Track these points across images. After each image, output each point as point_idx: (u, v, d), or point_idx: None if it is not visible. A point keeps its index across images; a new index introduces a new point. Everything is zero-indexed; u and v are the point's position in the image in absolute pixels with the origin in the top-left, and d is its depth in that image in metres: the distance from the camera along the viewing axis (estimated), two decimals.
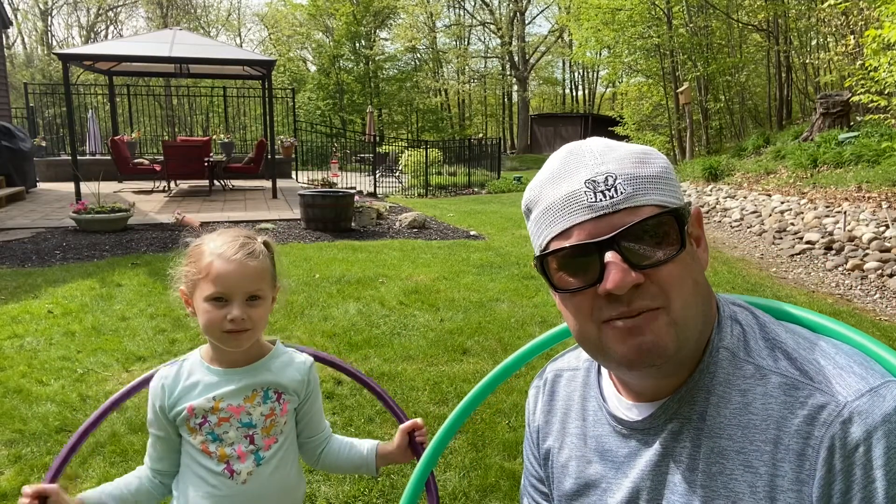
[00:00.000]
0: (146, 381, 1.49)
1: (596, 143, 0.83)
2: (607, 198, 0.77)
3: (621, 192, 0.77)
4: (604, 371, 0.96)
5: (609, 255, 0.75)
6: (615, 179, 0.78)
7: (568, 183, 0.80)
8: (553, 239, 0.81)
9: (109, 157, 13.62)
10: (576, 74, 49.09)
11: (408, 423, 1.50)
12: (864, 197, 8.36)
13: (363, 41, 38.95)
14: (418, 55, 42.69)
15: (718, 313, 0.85)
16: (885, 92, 9.32)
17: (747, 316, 0.85)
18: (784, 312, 0.90)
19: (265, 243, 1.40)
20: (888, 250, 6.61)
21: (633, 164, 0.79)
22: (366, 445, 1.55)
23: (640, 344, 0.77)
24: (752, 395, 0.78)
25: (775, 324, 0.84)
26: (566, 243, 0.79)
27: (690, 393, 0.82)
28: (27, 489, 1.27)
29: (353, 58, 39.01)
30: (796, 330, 0.84)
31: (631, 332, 0.77)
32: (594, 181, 0.78)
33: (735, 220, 9.83)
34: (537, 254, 0.85)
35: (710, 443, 0.79)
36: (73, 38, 44.09)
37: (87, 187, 9.91)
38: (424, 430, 1.51)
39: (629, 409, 0.89)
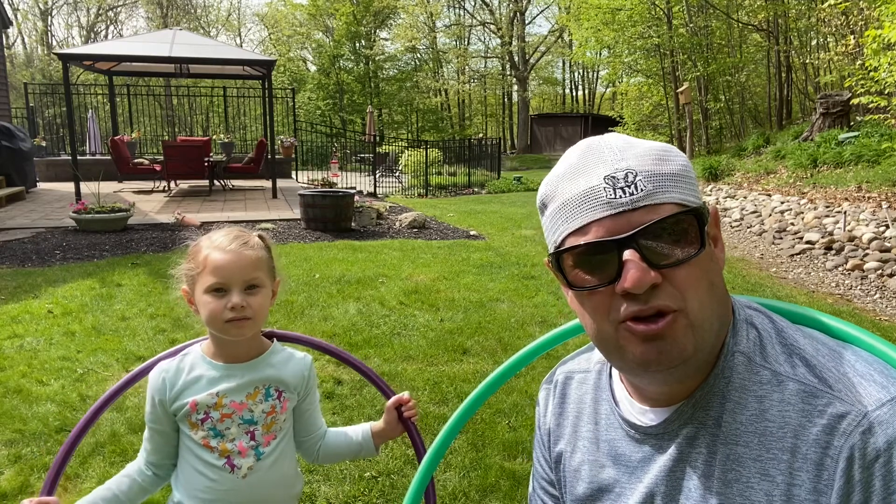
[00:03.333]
0: (133, 380, 1.50)
1: (615, 139, 0.82)
2: (627, 195, 0.75)
3: (641, 190, 0.75)
4: (615, 374, 0.95)
5: (628, 254, 0.74)
6: (635, 176, 0.76)
7: (586, 178, 0.78)
8: (570, 235, 0.79)
9: (109, 157, 13.62)
10: (576, 74, 49.11)
11: (393, 400, 1.54)
12: (864, 197, 8.36)
13: (363, 41, 38.97)
14: (418, 55, 42.70)
15: (734, 316, 0.83)
16: (885, 92, 9.32)
17: (763, 320, 0.84)
18: (802, 316, 0.88)
19: (260, 236, 1.44)
20: (888, 250, 6.61)
21: (654, 162, 0.78)
22: (360, 431, 1.58)
23: (659, 348, 0.76)
24: (768, 401, 0.76)
25: (793, 329, 0.83)
26: (583, 240, 0.77)
27: (705, 398, 0.81)
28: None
29: (353, 58, 39.04)
30: (815, 335, 0.82)
31: (649, 338, 0.76)
32: (614, 177, 0.76)
33: (735, 220, 9.83)
34: (552, 250, 0.83)
35: (725, 449, 0.78)
36: (73, 38, 44.11)
37: (87, 187, 9.91)
38: (412, 404, 1.54)
39: (643, 414, 0.88)
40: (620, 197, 0.75)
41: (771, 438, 0.75)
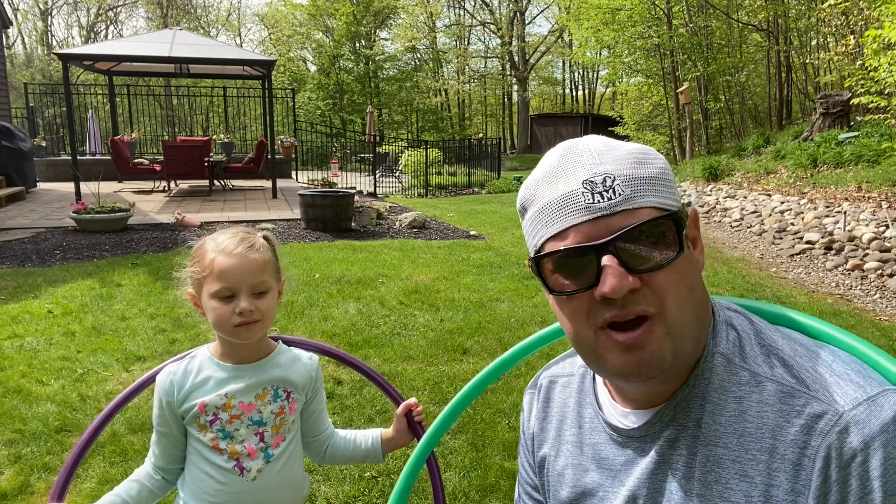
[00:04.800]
0: (138, 390, 1.50)
1: (594, 142, 0.81)
2: (605, 199, 0.75)
3: (619, 194, 0.75)
4: (598, 378, 0.95)
5: (606, 259, 0.74)
6: (613, 180, 0.76)
7: (565, 182, 0.78)
8: (549, 240, 0.79)
9: (109, 157, 13.62)
10: (576, 74, 49.12)
11: (402, 406, 1.54)
12: (864, 197, 8.36)
13: (363, 41, 38.98)
14: (418, 55, 42.70)
15: (714, 318, 0.84)
16: (885, 92, 9.32)
17: (743, 321, 0.84)
18: (781, 317, 0.89)
19: (265, 237, 1.43)
20: (888, 250, 6.61)
21: (632, 165, 0.78)
22: (370, 437, 1.58)
23: (638, 358, 0.76)
24: (747, 402, 0.77)
25: (771, 329, 0.83)
26: (562, 245, 0.77)
27: (686, 400, 0.81)
28: None
29: (353, 58, 39.06)
30: (793, 336, 0.82)
31: (629, 348, 0.76)
32: (592, 182, 0.76)
33: (735, 220, 9.83)
34: (532, 254, 0.83)
35: (705, 451, 0.78)
36: (73, 38, 44.14)
37: (87, 187, 9.91)
38: (420, 409, 1.55)
39: (625, 417, 0.88)
40: (598, 202, 0.75)
41: (749, 439, 0.75)
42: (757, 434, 0.75)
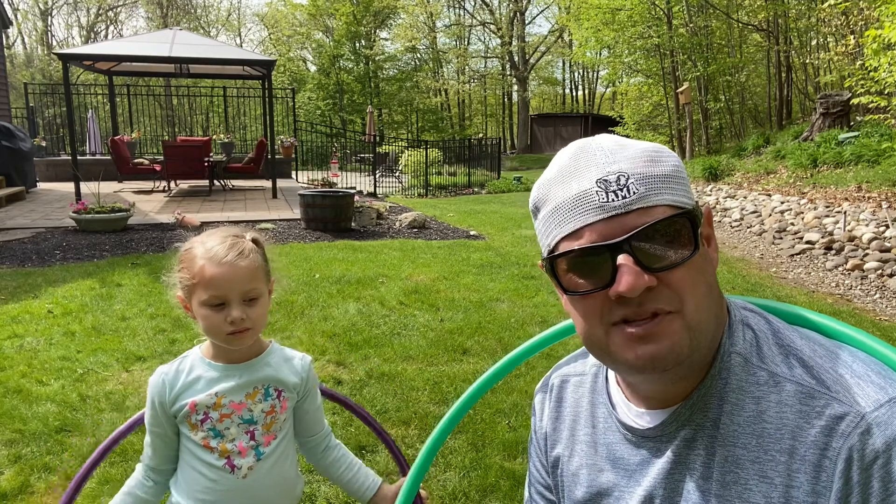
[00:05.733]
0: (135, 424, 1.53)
1: (606, 141, 0.81)
2: (619, 198, 0.75)
3: (634, 192, 0.75)
4: (611, 377, 0.94)
5: (621, 258, 0.73)
6: (627, 179, 0.75)
7: (578, 182, 0.78)
8: (563, 239, 0.78)
9: (109, 157, 13.63)
10: (576, 74, 49.13)
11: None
12: (864, 197, 8.36)
13: (363, 41, 38.99)
14: (418, 55, 42.71)
15: (729, 317, 0.83)
16: (885, 92, 9.32)
17: (759, 321, 0.83)
18: (797, 316, 0.88)
19: (254, 240, 1.41)
20: (888, 250, 6.61)
21: (646, 163, 0.77)
22: (370, 479, 1.58)
23: (653, 350, 0.75)
24: (766, 402, 0.76)
25: (789, 329, 0.82)
26: (576, 244, 0.77)
27: (703, 399, 0.80)
28: None
29: (353, 58, 39.07)
30: (811, 336, 0.82)
31: (643, 339, 0.75)
32: (606, 180, 0.76)
33: (735, 220, 9.83)
34: (545, 254, 0.82)
35: (724, 451, 0.78)
36: (73, 38, 44.15)
37: (87, 187, 9.91)
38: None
39: (640, 417, 0.87)
40: (613, 200, 0.75)
41: (769, 440, 0.75)
42: (776, 435, 0.74)
